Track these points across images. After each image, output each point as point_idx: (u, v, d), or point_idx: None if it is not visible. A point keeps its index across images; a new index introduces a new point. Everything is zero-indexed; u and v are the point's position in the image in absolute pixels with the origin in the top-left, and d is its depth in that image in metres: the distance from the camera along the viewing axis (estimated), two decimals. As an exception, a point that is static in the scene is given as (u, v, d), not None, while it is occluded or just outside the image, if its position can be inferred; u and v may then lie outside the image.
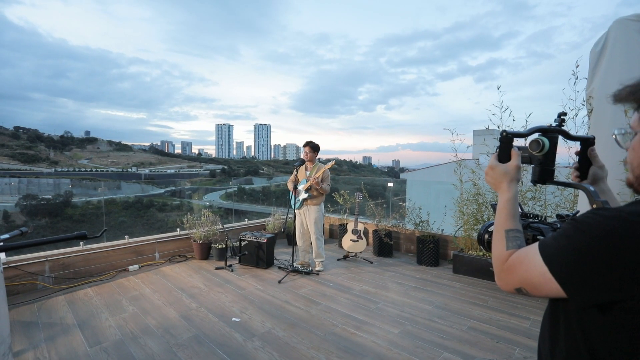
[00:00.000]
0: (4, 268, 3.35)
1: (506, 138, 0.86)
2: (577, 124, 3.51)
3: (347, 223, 5.13)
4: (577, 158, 0.94)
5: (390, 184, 7.38)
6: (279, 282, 3.91)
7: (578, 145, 0.95)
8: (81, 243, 4.03)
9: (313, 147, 4.36)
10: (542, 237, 0.81)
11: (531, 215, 0.91)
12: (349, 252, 4.98)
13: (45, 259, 3.67)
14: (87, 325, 2.86)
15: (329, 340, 2.66)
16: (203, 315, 3.07)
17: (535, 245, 0.67)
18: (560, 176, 1.08)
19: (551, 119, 0.92)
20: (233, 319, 2.98)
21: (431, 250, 4.61)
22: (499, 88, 4.03)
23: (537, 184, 0.92)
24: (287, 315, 3.10)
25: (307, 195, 4.26)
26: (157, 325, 2.87)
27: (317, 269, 4.36)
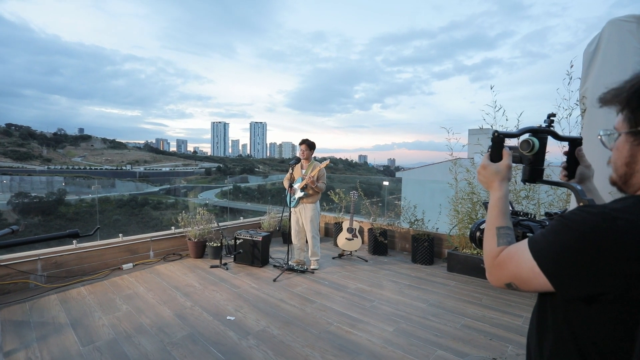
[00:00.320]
0: (-5, 267, 3.31)
1: (498, 138, 0.88)
2: (571, 124, 3.53)
3: (343, 221, 5.13)
4: (566, 158, 0.96)
5: (385, 183, 7.40)
6: (274, 281, 3.91)
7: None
8: (74, 241, 3.99)
9: (309, 145, 4.35)
10: (532, 234, 0.83)
11: (521, 213, 0.92)
12: (344, 251, 4.99)
13: (37, 258, 3.63)
14: (80, 324, 2.83)
15: (324, 338, 2.66)
16: (197, 313, 3.05)
17: (524, 241, 0.69)
18: (554, 175, 1.09)
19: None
20: (228, 318, 2.98)
21: (426, 248, 4.64)
22: (492, 88, 4.05)
23: (528, 183, 0.94)
24: (282, 313, 3.10)
25: (303, 193, 4.26)
26: (151, 324, 2.85)
27: (313, 268, 4.36)
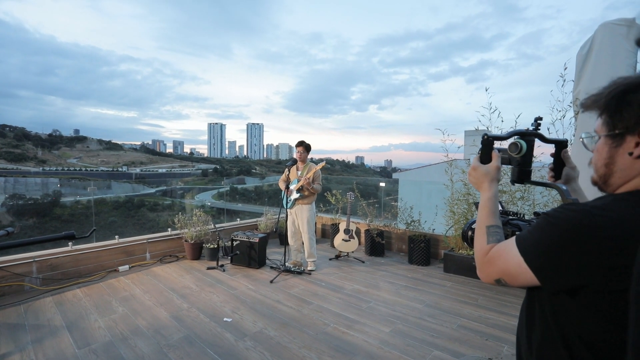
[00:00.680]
0: (-10, 269, 3.29)
1: (487, 141, 0.92)
2: (565, 125, 3.57)
3: (339, 223, 5.14)
4: (552, 159, 1.00)
5: (382, 184, 7.42)
6: (271, 282, 3.91)
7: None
8: (70, 243, 3.97)
9: (306, 147, 4.38)
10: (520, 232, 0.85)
11: (511, 213, 0.96)
12: (341, 252, 5.00)
13: (32, 260, 3.60)
14: (76, 326, 2.82)
15: (321, 339, 2.67)
16: (194, 315, 3.05)
17: (512, 239, 0.73)
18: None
19: (541, 120, 0.96)
20: (224, 319, 2.97)
21: (422, 249, 4.66)
22: (487, 90, 4.09)
23: (516, 183, 0.97)
24: (279, 315, 3.10)
25: (299, 195, 4.27)
26: (148, 326, 2.84)
27: (309, 269, 4.37)
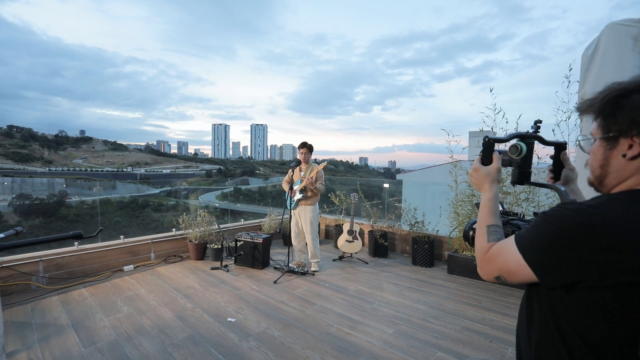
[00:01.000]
0: (-3, 268, 3.33)
1: (488, 143, 0.94)
2: (570, 127, 3.54)
3: (343, 224, 5.15)
4: (552, 161, 1.01)
5: (386, 185, 7.41)
6: (275, 283, 3.92)
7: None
8: (76, 243, 4.01)
9: (309, 149, 4.39)
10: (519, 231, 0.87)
11: (511, 213, 0.98)
12: (345, 253, 5.00)
13: (39, 259, 3.64)
14: (82, 325, 2.85)
15: (324, 340, 2.67)
16: (198, 315, 3.07)
17: (511, 237, 0.76)
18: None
19: (545, 121, 0.97)
20: (228, 319, 2.99)
21: (426, 251, 4.64)
22: (492, 91, 4.07)
23: (517, 185, 0.99)
24: (283, 315, 3.10)
25: (302, 195, 4.28)
26: (152, 325, 2.86)
27: (313, 270, 4.37)
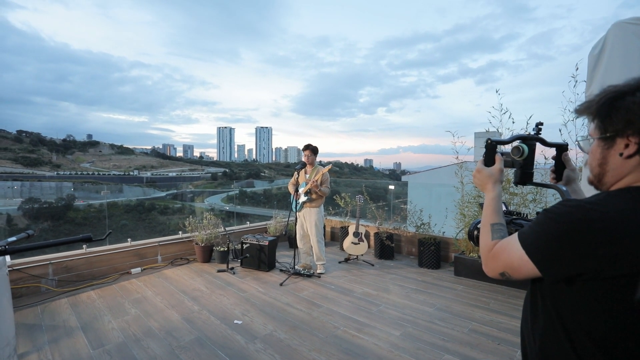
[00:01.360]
0: (8, 271, 3.37)
1: (491, 145, 0.96)
2: (577, 127, 3.51)
3: (349, 226, 5.14)
4: (554, 162, 1.03)
5: (391, 187, 7.39)
6: (281, 285, 3.93)
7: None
8: (84, 246, 4.06)
9: (313, 151, 4.40)
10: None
11: (514, 213, 1.00)
12: (350, 255, 4.99)
13: (48, 262, 3.69)
14: (90, 327, 2.88)
15: (331, 342, 2.67)
16: (205, 317, 3.08)
17: (515, 235, 0.78)
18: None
19: (552, 121, 0.98)
20: (235, 322, 3.00)
21: (432, 252, 4.62)
22: (498, 91, 4.06)
23: (519, 185, 1.02)
24: (289, 317, 3.11)
25: (307, 198, 4.29)
26: (160, 327, 2.89)
27: (319, 272, 4.37)
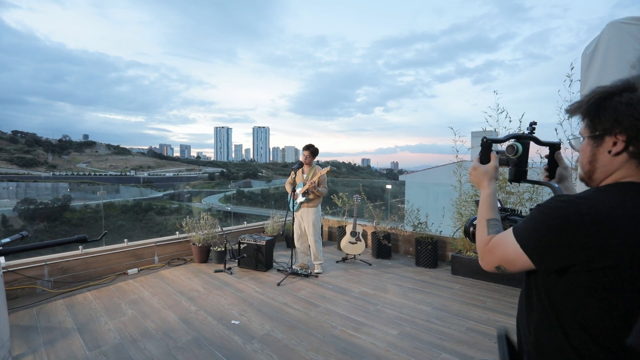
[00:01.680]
0: (3, 272, 3.35)
1: (486, 143, 0.99)
2: (573, 126, 3.52)
3: (346, 225, 5.14)
4: (547, 160, 1.06)
5: (388, 186, 7.40)
6: (278, 285, 3.92)
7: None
8: (80, 247, 4.04)
9: (313, 153, 4.39)
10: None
11: (509, 210, 1.04)
12: (348, 254, 4.99)
13: (44, 263, 3.67)
14: (87, 329, 2.86)
15: (328, 342, 2.67)
16: (202, 318, 3.07)
17: (510, 229, 0.82)
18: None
19: (547, 120, 1.01)
20: (232, 322, 2.99)
21: (429, 251, 4.63)
22: (496, 92, 4.08)
23: (513, 182, 1.05)
24: (286, 317, 3.10)
25: (304, 198, 4.28)
26: (157, 328, 2.87)
27: (316, 271, 4.37)
